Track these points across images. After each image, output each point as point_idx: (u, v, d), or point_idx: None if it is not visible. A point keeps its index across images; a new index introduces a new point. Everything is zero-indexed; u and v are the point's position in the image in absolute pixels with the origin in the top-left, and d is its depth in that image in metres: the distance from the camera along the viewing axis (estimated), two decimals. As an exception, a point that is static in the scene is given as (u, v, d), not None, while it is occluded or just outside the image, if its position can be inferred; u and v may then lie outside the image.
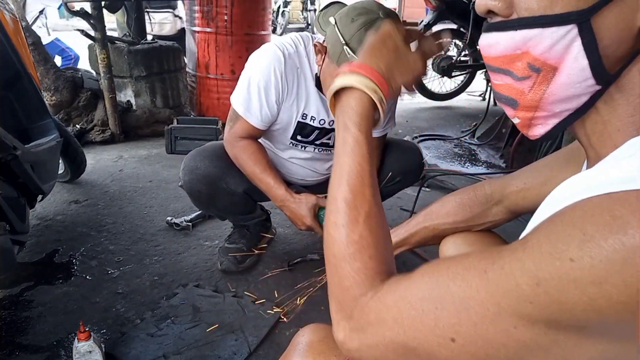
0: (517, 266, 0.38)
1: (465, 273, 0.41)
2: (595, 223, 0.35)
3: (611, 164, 0.40)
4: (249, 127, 1.46)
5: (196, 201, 1.64)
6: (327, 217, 0.56)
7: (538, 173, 0.90)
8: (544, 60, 0.44)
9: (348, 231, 0.53)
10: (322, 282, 1.63)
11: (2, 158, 1.39)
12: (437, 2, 4.01)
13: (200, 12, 3.38)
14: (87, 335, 1.22)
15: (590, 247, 0.34)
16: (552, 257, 0.36)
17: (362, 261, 0.51)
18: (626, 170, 0.37)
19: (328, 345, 0.69)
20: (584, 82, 0.44)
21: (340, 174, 0.56)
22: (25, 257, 1.80)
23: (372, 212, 0.54)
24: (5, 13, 1.68)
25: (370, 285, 0.50)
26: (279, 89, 1.41)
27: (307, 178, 1.69)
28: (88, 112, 3.16)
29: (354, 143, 0.57)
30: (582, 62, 0.43)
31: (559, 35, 0.42)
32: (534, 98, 0.47)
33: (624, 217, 0.33)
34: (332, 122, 1.51)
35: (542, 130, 0.50)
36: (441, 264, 0.45)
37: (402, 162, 1.70)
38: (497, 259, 0.40)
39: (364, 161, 0.56)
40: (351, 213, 0.53)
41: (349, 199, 0.54)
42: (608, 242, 0.33)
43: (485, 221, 0.99)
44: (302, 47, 1.43)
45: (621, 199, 0.34)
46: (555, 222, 0.37)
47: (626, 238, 0.33)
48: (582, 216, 0.36)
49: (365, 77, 0.59)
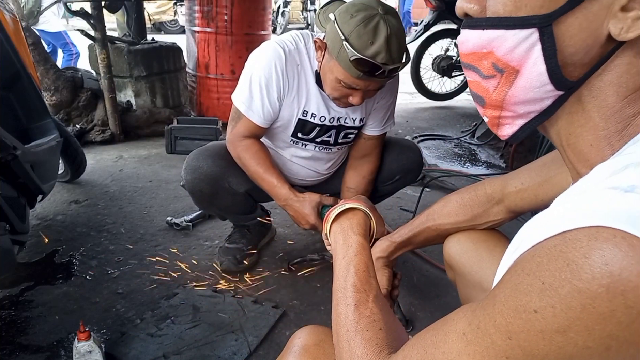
0: (490, 323, 0.39)
1: (446, 339, 0.44)
2: (551, 270, 0.35)
3: (570, 195, 0.40)
4: (252, 126, 1.45)
5: (198, 200, 1.64)
6: (337, 302, 0.64)
7: (535, 173, 0.90)
8: (506, 62, 0.45)
9: (361, 309, 0.60)
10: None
11: (2, 158, 1.39)
12: (437, 2, 4.01)
13: (200, 12, 3.38)
14: (87, 335, 1.22)
15: (550, 295, 0.34)
16: (517, 311, 0.37)
17: (374, 332, 0.56)
18: (580, 205, 0.36)
19: (324, 350, 0.68)
20: (542, 87, 0.44)
21: (347, 268, 0.67)
22: (25, 257, 1.80)
23: (379, 296, 0.63)
24: (5, 13, 1.68)
25: (378, 355, 0.53)
26: (280, 86, 1.41)
27: (307, 178, 1.69)
28: (88, 112, 3.16)
29: (359, 246, 0.71)
30: (540, 67, 0.43)
31: (520, 38, 0.43)
32: (497, 98, 0.48)
33: (577, 260, 0.33)
34: (332, 119, 1.51)
35: (509, 131, 0.50)
36: (426, 334, 0.48)
37: (401, 161, 1.70)
38: (472, 318, 0.42)
39: (369, 260, 0.69)
40: (361, 296, 0.62)
41: (358, 286, 0.64)
42: (565, 290, 0.33)
43: (487, 220, 1.00)
44: (302, 44, 1.43)
45: (573, 240, 0.34)
46: (518, 272, 0.38)
47: (581, 284, 0.33)
48: (539, 264, 0.36)
49: (361, 205, 0.80)
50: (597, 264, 0.32)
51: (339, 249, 0.73)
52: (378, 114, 1.56)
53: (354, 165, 1.67)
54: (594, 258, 0.32)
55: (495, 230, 1.03)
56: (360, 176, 1.65)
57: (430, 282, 1.75)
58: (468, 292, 1.03)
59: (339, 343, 0.59)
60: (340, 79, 1.27)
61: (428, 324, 0.50)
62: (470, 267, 0.99)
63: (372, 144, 1.62)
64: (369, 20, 1.16)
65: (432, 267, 1.83)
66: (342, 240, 0.74)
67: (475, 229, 1.01)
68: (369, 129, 1.59)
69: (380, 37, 1.16)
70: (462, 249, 1.01)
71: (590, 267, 0.32)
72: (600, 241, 0.32)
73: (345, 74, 1.24)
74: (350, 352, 0.56)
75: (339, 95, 1.35)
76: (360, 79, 1.24)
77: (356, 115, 1.53)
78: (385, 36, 1.16)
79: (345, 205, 0.79)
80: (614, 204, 0.33)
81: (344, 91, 1.32)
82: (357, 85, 1.27)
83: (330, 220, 0.80)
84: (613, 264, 0.31)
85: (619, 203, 0.33)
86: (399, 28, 1.21)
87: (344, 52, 1.19)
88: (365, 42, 1.17)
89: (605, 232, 0.32)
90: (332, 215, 0.80)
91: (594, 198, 0.35)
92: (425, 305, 1.60)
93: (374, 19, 1.17)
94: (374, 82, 1.27)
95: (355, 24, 1.17)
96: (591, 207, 0.35)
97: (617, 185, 0.35)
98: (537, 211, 0.43)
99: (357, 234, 0.74)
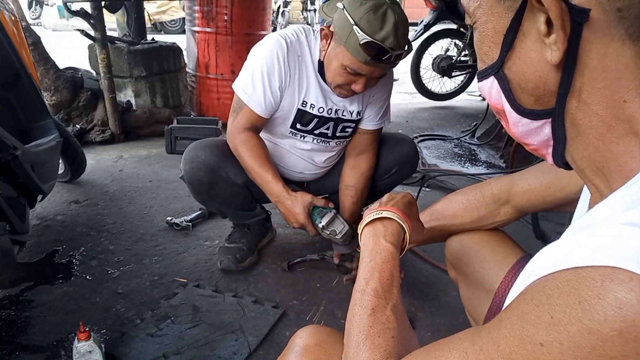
0: (493, 348, 0.39)
1: (449, 355, 0.44)
2: (562, 305, 0.34)
3: (584, 227, 0.39)
4: (252, 116, 1.47)
5: (196, 191, 1.64)
6: (355, 303, 0.64)
7: (543, 175, 0.90)
8: (494, 105, 0.52)
9: (377, 314, 0.60)
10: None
11: (2, 158, 1.39)
12: (437, 2, 4.01)
13: (200, 12, 3.38)
14: (87, 335, 1.22)
15: (558, 331, 0.34)
16: (522, 341, 0.36)
17: (385, 338, 0.56)
18: (595, 240, 0.35)
19: (325, 350, 0.68)
20: (521, 120, 0.49)
21: (372, 273, 0.67)
22: (25, 257, 1.80)
23: (399, 306, 0.63)
24: (5, 13, 1.68)
25: None
26: (282, 75, 1.44)
27: (305, 171, 1.70)
28: (88, 112, 3.16)
29: (388, 254, 0.71)
30: (507, 105, 0.49)
31: (489, 85, 0.50)
32: (512, 134, 0.53)
33: (589, 300, 0.32)
34: (330, 110, 1.54)
35: (550, 160, 0.52)
36: (432, 347, 0.48)
37: (397, 153, 1.72)
38: (477, 339, 0.42)
39: (395, 269, 0.69)
40: (380, 302, 0.62)
41: (380, 292, 0.63)
42: (575, 328, 0.33)
43: (493, 221, 1.00)
44: (303, 36, 1.48)
45: (587, 278, 0.33)
46: (527, 301, 0.38)
47: (592, 325, 0.32)
48: (549, 297, 0.35)
49: (398, 215, 0.78)
50: (611, 307, 0.31)
51: (367, 252, 0.72)
52: (374, 107, 1.60)
53: (351, 163, 1.68)
54: (607, 300, 0.31)
55: (499, 230, 1.02)
56: (358, 173, 1.66)
57: (430, 282, 1.75)
58: (470, 292, 1.03)
59: (348, 343, 0.59)
60: (347, 65, 1.33)
61: (428, 324, 0.51)
62: (472, 267, 0.99)
63: (369, 138, 1.65)
64: (378, 8, 1.24)
65: (432, 267, 1.83)
66: (372, 245, 0.74)
67: (481, 229, 1.01)
68: (366, 123, 1.62)
69: (389, 23, 1.24)
70: (465, 248, 1.01)
71: (603, 308, 0.31)
72: (615, 283, 0.31)
73: (353, 59, 1.30)
74: (357, 354, 0.56)
75: (342, 82, 1.39)
76: (367, 64, 1.30)
77: (353, 108, 1.56)
78: (394, 22, 1.24)
79: (382, 213, 0.78)
80: (630, 244, 0.32)
81: (348, 78, 1.37)
82: (363, 71, 1.33)
83: (364, 223, 0.79)
84: (627, 308, 0.31)
85: (635, 243, 0.32)
86: (404, 17, 1.29)
87: (354, 36, 1.25)
88: (375, 27, 1.24)
89: (620, 274, 0.31)
90: (367, 219, 0.79)
91: (609, 234, 0.34)
92: (425, 305, 1.60)
93: (382, 7, 1.25)
94: (379, 67, 1.32)
95: (365, 11, 1.24)
96: (607, 245, 0.34)
97: (632, 221, 0.34)
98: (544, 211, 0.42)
99: (388, 241, 0.73)
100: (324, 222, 1.44)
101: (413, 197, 0.86)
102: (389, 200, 0.82)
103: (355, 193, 1.67)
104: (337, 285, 1.69)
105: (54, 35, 8.65)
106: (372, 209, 0.80)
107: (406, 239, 0.79)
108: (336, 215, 1.47)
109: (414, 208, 0.85)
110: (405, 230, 0.78)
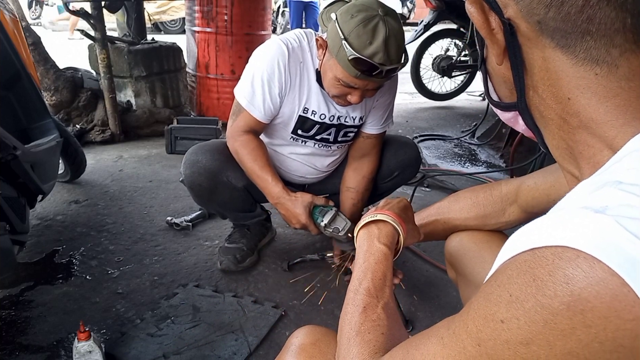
0: (463, 329, 0.41)
1: (427, 342, 0.46)
2: (519, 284, 0.36)
3: (551, 212, 0.42)
4: (252, 121, 1.46)
5: (197, 196, 1.64)
6: (348, 302, 0.66)
7: (548, 173, 0.90)
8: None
9: (368, 312, 0.62)
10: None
11: (2, 158, 1.39)
12: (437, 2, 4.01)
13: (200, 12, 3.38)
14: (87, 335, 1.22)
15: (516, 308, 0.36)
16: (486, 320, 0.39)
17: (375, 335, 0.59)
18: (553, 223, 0.38)
19: (320, 348, 0.69)
20: (496, 110, 0.55)
21: (365, 273, 0.69)
22: (25, 257, 1.80)
23: (390, 305, 0.65)
24: (5, 13, 1.68)
25: (372, 357, 0.56)
26: (282, 82, 1.42)
27: (306, 175, 1.69)
28: (88, 112, 3.16)
29: (381, 255, 0.73)
30: (487, 96, 0.56)
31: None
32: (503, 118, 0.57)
33: (542, 277, 0.35)
34: (332, 117, 1.52)
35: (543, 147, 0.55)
36: (414, 338, 0.50)
37: (399, 157, 1.71)
38: (451, 323, 0.44)
39: (388, 270, 0.71)
40: (371, 300, 0.64)
41: (372, 291, 0.66)
42: (530, 304, 0.35)
43: (497, 222, 1.00)
44: (305, 42, 1.45)
45: (541, 257, 0.35)
46: (491, 283, 0.40)
47: (544, 300, 0.34)
48: (509, 277, 0.38)
49: (392, 218, 0.81)
50: (559, 282, 0.34)
51: (362, 254, 0.76)
52: (377, 112, 1.57)
53: (353, 165, 1.67)
54: (557, 276, 0.34)
55: (498, 232, 1.02)
56: (360, 176, 1.65)
57: (430, 282, 1.75)
58: (469, 292, 1.03)
59: (340, 339, 0.61)
60: (339, 78, 1.29)
61: (428, 324, 0.51)
62: (472, 268, 0.99)
63: (372, 142, 1.63)
64: (368, 21, 1.18)
65: (432, 267, 1.83)
66: (366, 247, 0.77)
67: (484, 229, 1.02)
68: (369, 127, 1.60)
69: (378, 38, 1.18)
70: (464, 249, 1.01)
71: (553, 284, 0.34)
72: (564, 260, 0.34)
73: (344, 72, 1.26)
74: (348, 349, 0.59)
75: (338, 94, 1.36)
76: (358, 78, 1.26)
77: (356, 114, 1.54)
78: (384, 37, 1.18)
79: (376, 216, 0.81)
80: (582, 225, 0.35)
81: (343, 90, 1.33)
82: (355, 85, 1.29)
83: (360, 225, 0.82)
84: (574, 283, 0.33)
85: (587, 224, 0.34)
86: (399, 29, 1.23)
87: (343, 51, 1.21)
88: (364, 42, 1.19)
89: (569, 252, 0.34)
90: (362, 222, 0.82)
91: (567, 217, 0.37)
92: (425, 305, 1.60)
93: (373, 20, 1.19)
94: (372, 81, 1.28)
95: (355, 24, 1.19)
96: (562, 226, 0.36)
97: (590, 205, 0.36)
98: None
99: (382, 243, 0.76)
100: (325, 220, 1.43)
101: (409, 202, 0.89)
102: (385, 204, 0.85)
103: (356, 195, 1.67)
104: (337, 285, 1.69)
105: (54, 35, 8.63)
106: (368, 213, 0.83)
107: (401, 242, 0.82)
108: (337, 213, 1.45)
109: (410, 212, 0.89)
110: (400, 232, 0.81)
